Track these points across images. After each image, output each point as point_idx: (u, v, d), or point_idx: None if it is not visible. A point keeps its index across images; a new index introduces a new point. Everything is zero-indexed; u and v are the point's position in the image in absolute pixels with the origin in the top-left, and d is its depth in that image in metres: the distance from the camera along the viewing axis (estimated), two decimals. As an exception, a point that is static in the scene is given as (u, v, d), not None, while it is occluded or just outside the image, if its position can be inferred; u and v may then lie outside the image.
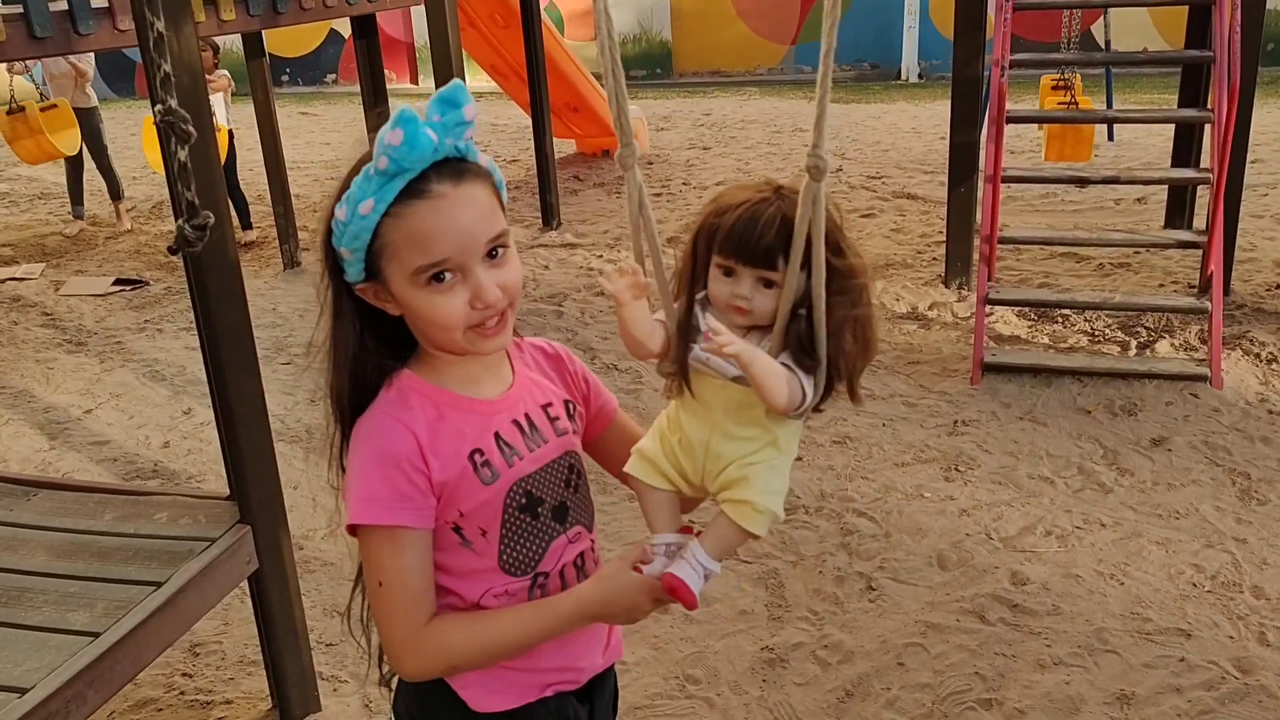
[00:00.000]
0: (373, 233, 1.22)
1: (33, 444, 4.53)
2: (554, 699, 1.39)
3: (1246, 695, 2.67)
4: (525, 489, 1.32)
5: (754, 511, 1.30)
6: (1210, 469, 3.76)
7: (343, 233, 1.23)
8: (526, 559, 1.33)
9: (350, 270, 1.26)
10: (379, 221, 1.21)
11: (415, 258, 1.22)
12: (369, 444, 1.27)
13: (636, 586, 1.28)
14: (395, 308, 1.28)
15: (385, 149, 1.18)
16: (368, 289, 1.27)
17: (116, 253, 7.52)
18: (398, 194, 1.20)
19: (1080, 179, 5.24)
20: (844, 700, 2.74)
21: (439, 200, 1.21)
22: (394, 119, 1.18)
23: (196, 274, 2.35)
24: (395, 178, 1.20)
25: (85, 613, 2.18)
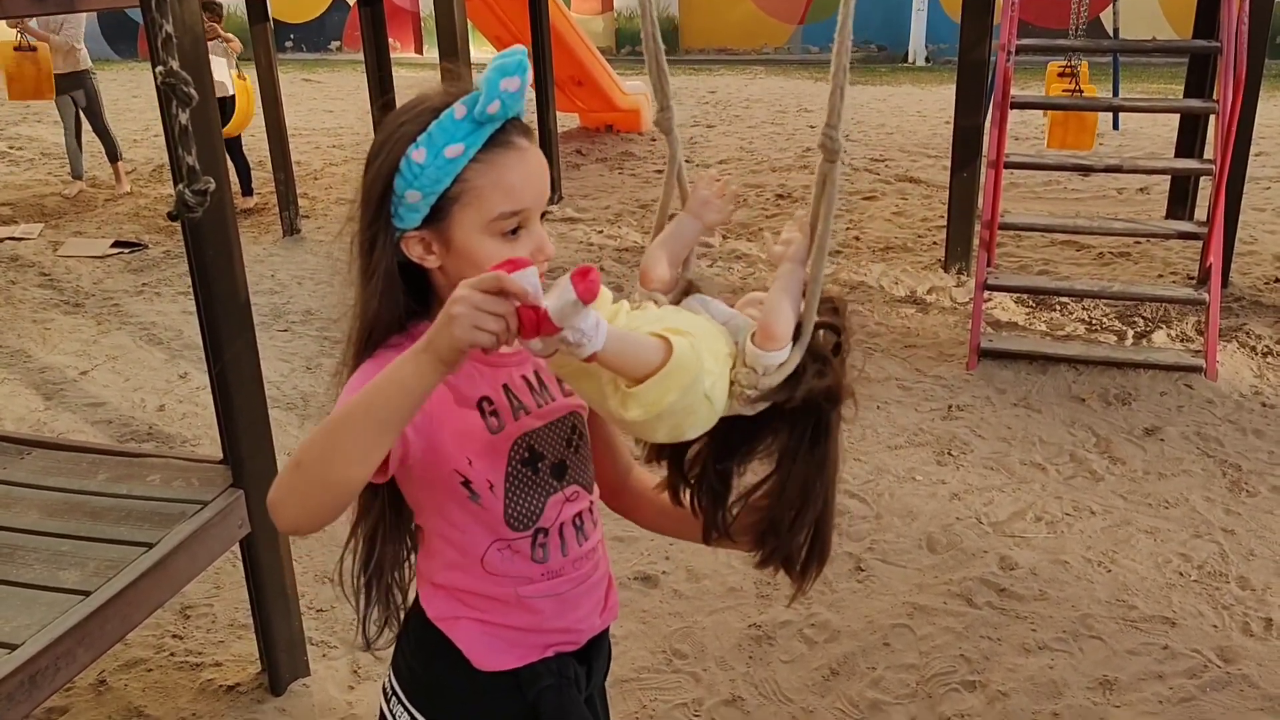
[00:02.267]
0: (455, 177, 1.22)
1: (28, 403, 4.54)
2: (555, 659, 1.40)
3: (1228, 684, 2.69)
4: (529, 443, 1.32)
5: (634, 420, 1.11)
6: (1201, 460, 3.78)
7: (418, 175, 1.22)
8: (528, 514, 1.33)
9: (408, 216, 1.25)
10: (465, 166, 1.22)
11: (500, 204, 1.23)
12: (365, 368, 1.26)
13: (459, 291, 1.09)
14: (437, 259, 1.27)
15: (501, 94, 1.19)
16: (415, 238, 1.26)
17: (116, 215, 7.51)
18: (485, 141, 1.22)
19: (1083, 167, 5.23)
20: (829, 678, 2.77)
21: (523, 152, 1.24)
22: (503, 67, 1.18)
23: (194, 239, 2.35)
24: (484, 125, 1.21)
25: (76, 571, 2.20)
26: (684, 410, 1.10)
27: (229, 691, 2.74)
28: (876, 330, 5.00)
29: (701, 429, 1.14)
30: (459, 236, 1.25)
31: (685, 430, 1.13)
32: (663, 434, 1.12)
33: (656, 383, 1.07)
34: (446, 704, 1.39)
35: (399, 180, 1.23)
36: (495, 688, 1.37)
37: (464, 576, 1.35)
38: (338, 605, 3.07)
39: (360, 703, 2.67)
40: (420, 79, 1.38)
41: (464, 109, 1.21)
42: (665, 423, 1.10)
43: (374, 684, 2.75)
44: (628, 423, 1.11)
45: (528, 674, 1.37)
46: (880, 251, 6.11)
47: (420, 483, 1.30)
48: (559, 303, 0.99)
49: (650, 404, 1.07)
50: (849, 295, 5.44)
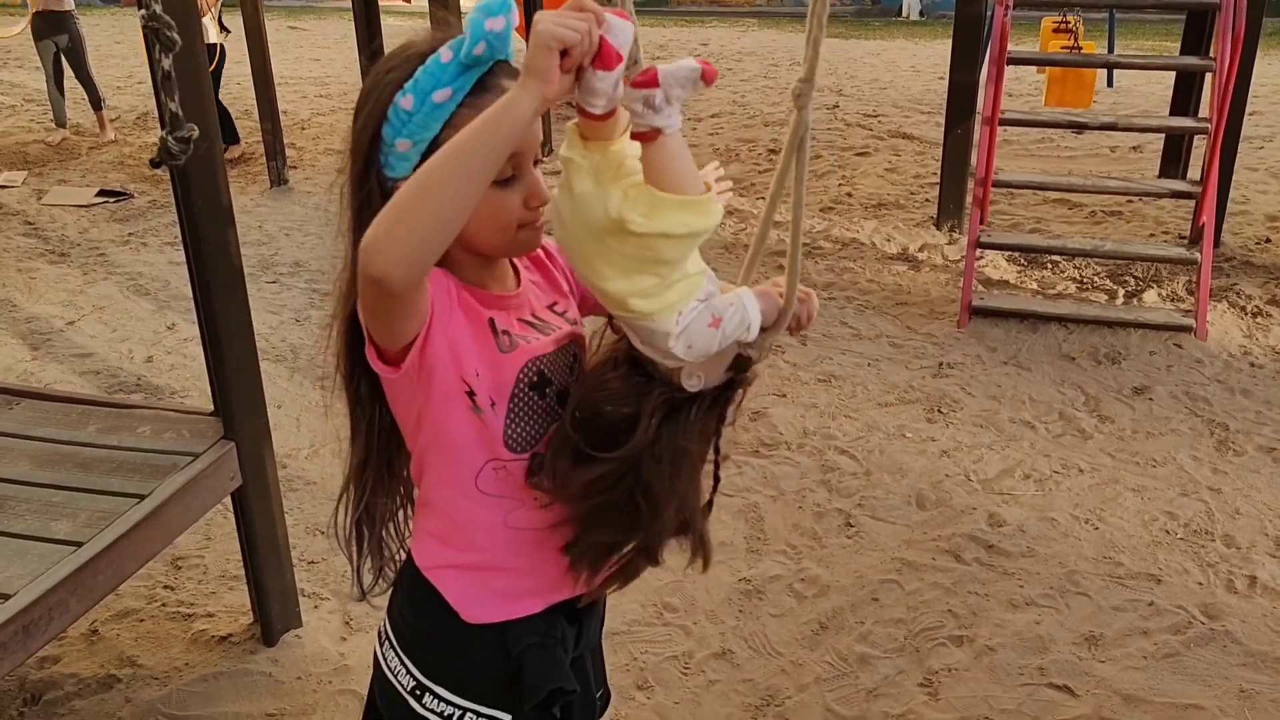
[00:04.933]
0: (444, 123, 1.19)
1: (14, 354, 4.50)
2: (542, 616, 1.39)
3: (1211, 640, 2.72)
4: (539, 367, 1.32)
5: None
6: (1190, 419, 3.80)
7: (406, 122, 1.20)
8: (528, 437, 1.32)
9: (399, 164, 1.23)
10: (453, 112, 1.19)
11: None
12: None
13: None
14: None
15: (487, 34, 1.16)
16: None
17: (100, 163, 7.42)
18: (472, 85, 1.19)
19: (1078, 124, 5.21)
20: (818, 632, 2.79)
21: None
22: (487, 7, 1.14)
23: (182, 188, 2.31)
24: (472, 69, 1.19)
25: (68, 522, 2.19)
26: (667, 256, 1.13)
27: (221, 642, 2.74)
28: (868, 288, 4.99)
29: (645, 300, 1.14)
30: None
31: (643, 278, 1.13)
32: (627, 264, 1.13)
33: (680, 203, 1.10)
34: (436, 654, 1.40)
35: (387, 128, 1.21)
36: (482, 640, 1.37)
37: (455, 499, 1.33)
38: (329, 557, 3.07)
39: (353, 654, 2.69)
40: (409, 27, 1.36)
41: (450, 53, 1.19)
42: (645, 252, 1.11)
43: (366, 635, 2.76)
44: (615, 226, 1.10)
45: (514, 630, 1.37)
46: (872, 208, 6.09)
47: (426, 386, 1.25)
48: (677, 66, 1.06)
49: (659, 215, 1.09)
50: (841, 252, 5.42)
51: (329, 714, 2.51)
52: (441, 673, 1.38)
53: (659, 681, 2.63)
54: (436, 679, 1.38)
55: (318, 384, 4.17)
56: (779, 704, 2.56)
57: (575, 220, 1.13)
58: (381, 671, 1.44)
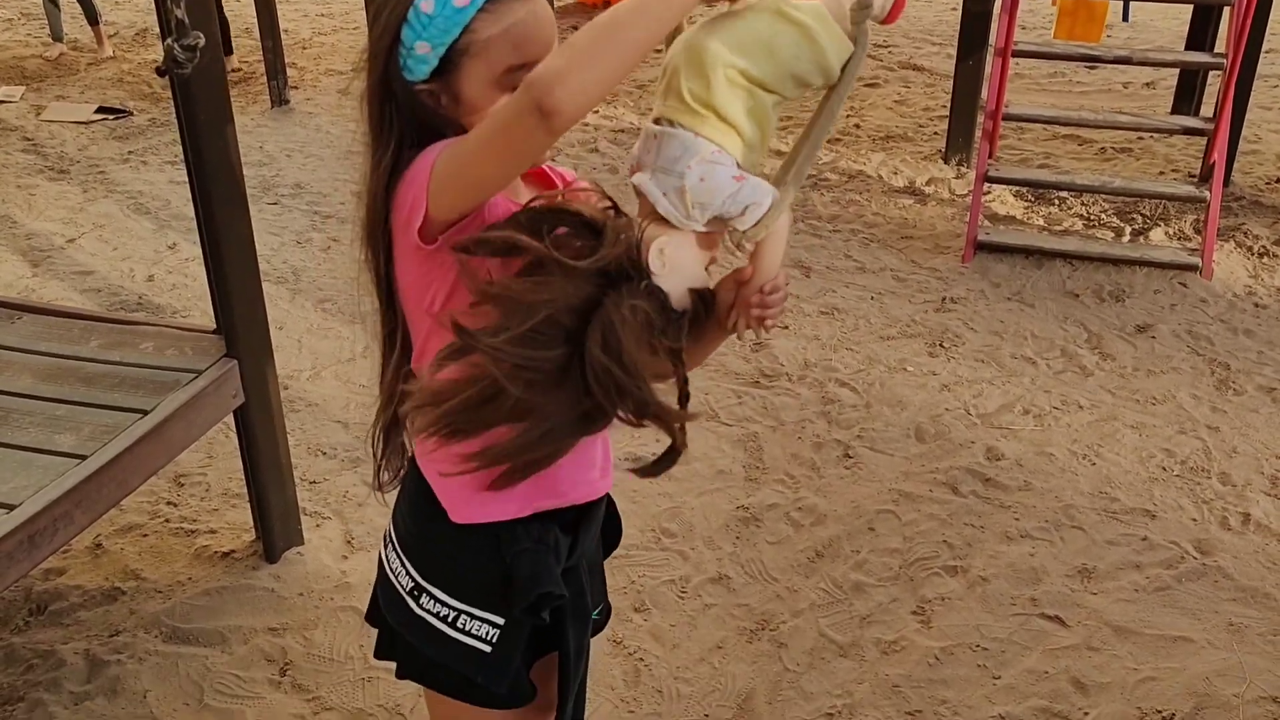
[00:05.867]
0: (464, 27, 1.21)
1: (14, 270, 4.49)
2: (534, 521, 1.40)
3: (1203, 575, 2.75)
4: None
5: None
6: (1191, 358, 3.80)
7: (426, 26, 1.21)
8: None
9: (418, 68, 1.24)
10: (473, 16, 1.21)
11: (508, 56, 1.23)
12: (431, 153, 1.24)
13: None
14: (454, 109, 1.27)
15: None
16: (425, 89, 1.26)
17: (99, 80, 7.30)
18: None
19: (1092, 57, 5.12)
20: (814, 560, 2.82)
21: (533, 4, 1.24)
22: None
23: (185, 101, 2.28)
24: None
25: (72, 435, 2.20)
26: (770, 71, 1.23)
27: (224, 558, 2.78)
28: (874, 220, 4.96)
29: (715, 95, 1.21)
30: (468, 89, 1.25)
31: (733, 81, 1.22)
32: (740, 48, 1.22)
33: (837, 34, 1.23)
34: (432, 556, 1.43)
35: (407, 31, 1.23)
36: (476, 543, 1.40)
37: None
38: (331, 477, 3.10)
39: (354, 571, 2.72)
40: None
41: None
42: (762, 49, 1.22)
43: (367, 554, 2.79)
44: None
45: (507, 533, 1.39)
46: (880, 140, 6.02)
47: (452, 266, 1.23)
48: None
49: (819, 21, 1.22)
50: (847, 184, 5.37)
51: (330, 629, 2.55)
52: (437, 574, 1.42)
53: (656, 604, 2.66)
54: (433, 580, 1.41)
55: (319, 306, 4.16)
56: (773, 628, 2.60)
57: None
58: (384, 572, 1.48)
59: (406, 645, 1.47)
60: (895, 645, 2.54)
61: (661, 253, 1.19)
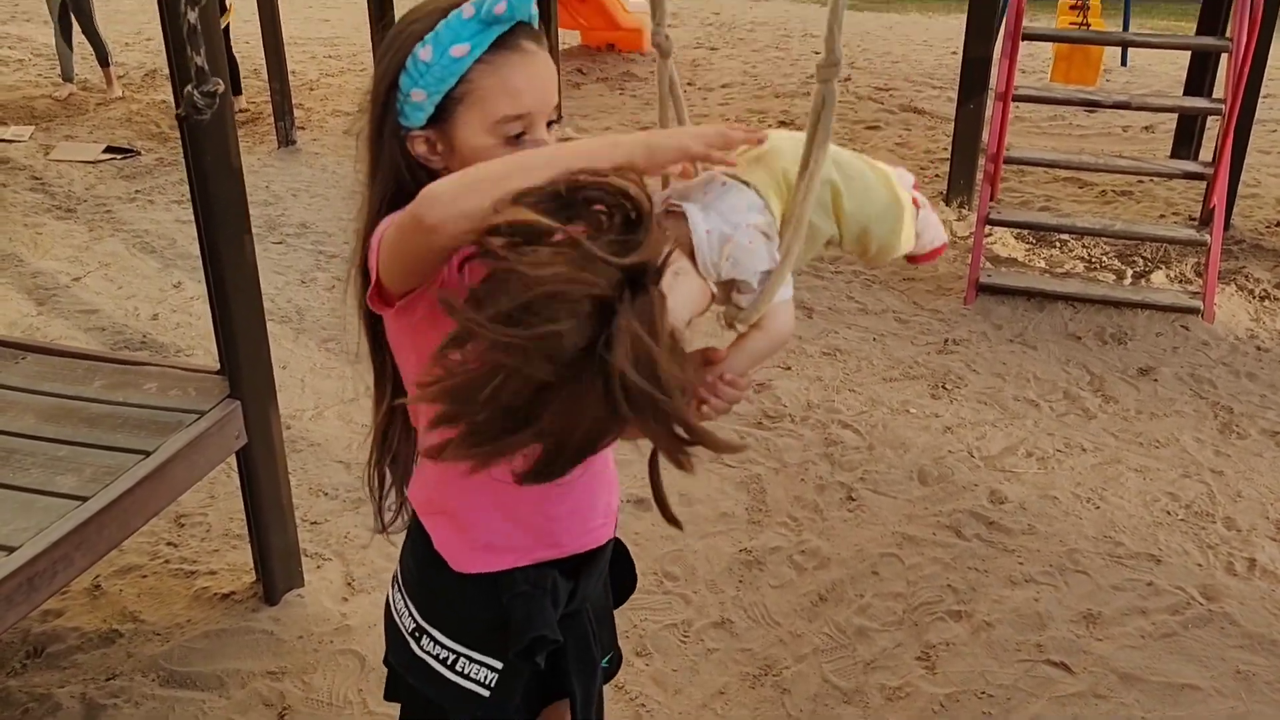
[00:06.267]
0: (460, 77, 1.23)
1: (20, 308, 4.50)
2: (533, 568, 1.41)
3: (1209, 621, 2.73)
4: None
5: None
6: (1194, 401, 3.80)
7: (423, 74, 1.23)
8: None
9: (414, 114, 1.26)
10: (470, 67, 1.23)
11: (503, 106, 1.24)
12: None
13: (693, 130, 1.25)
14: (441, 160, 1.28)
15: None
16: (421, 136, 1.27)
17: (108, 120, 7.37)
18: (491, 43, 1.23)
19: (1091, 102, 5.16)
20: (817, 604, 2.80)
21: (530, 56, 1.25)
22: None
23: (193, 143, 2.30)
24: (492, 26, 1.22)
25: (73, 477, 2.20)
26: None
27: (223, 600, 2.76)
28: (875, 262, 4.97)
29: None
30: (462, 137, 1.26)
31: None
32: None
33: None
34: (433, 598, 1.44)
35: (405, 78, 1.25)
36: (475, 588, 1.41)
37: (442, 471, 1.35)
38: (333, 518, 3.08)
39: (354, 614, 2.70)
40: None
41: (472, 9, 1.22)
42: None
43: (368, 596, 2.77)
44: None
45: (505, 578, 1.40)
46: (882, 182, 6.06)
47: (419, 330, 1.24)
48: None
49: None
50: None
51: (330, 673, 2.53)
52: (438, 616, 1.43)
53: (658, 649, 2.64)
54: (434, 622, 1.42)
55: (323, 345, 4.17)
56: (776, 674, 2.57)
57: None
58: (389, 612, 1.50)
59: (409, 687, 1.47)
60: (900, 692, 2.52)
61: (675, 275, 1.13)
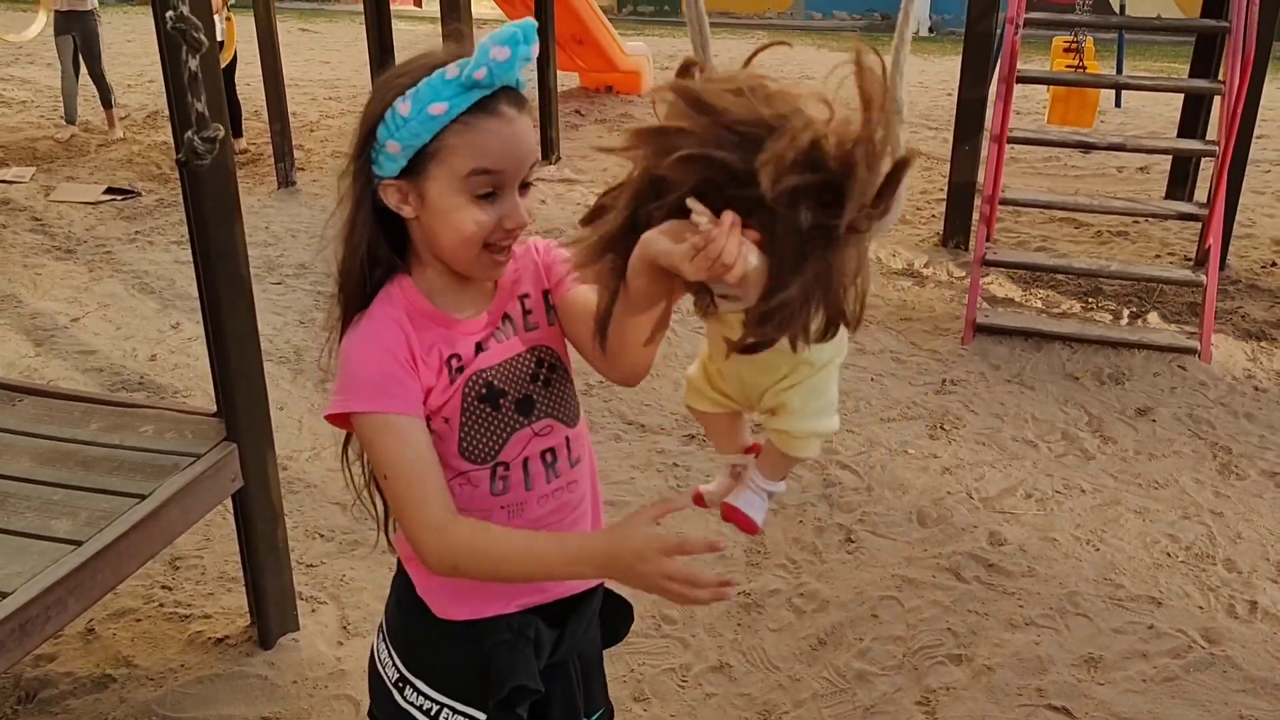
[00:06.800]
0: (434, 135, 1.25)
1: (18, 349, 4.50)
2: (517, 615, 1.40)
3: (1211, 665, 2.71)
4: (485, 379, 1.35)
5: (793, 438, 1.29)
6: (1192, 441, 3.79)
7: (400, 126, 1.25)
8: (486, 448, 1.35)
9: (387, 164, 1.28)
10: (444, 126, 1.25)
11: (473, 162, 1.26)
12: (363, 337, 1.32)
13: (644, 539, 1.22)
14: (412, 210, 1.30)
15: (489, 61, 1.22)
16: (393, 186, 1.29)
17: (108, 161, 7.43)
18: (470, 105, 1.25)
19: (1086, 144, 5.21)
20: (816, 648, 2.78)
21: (507, 121, 1.27)
22: (499, 36, 1.23)
23: (192, 187, 2.31)
24: (472, 89, 1.24)
25: (68, 521, 2.18)
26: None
27: (218, 644, 2.74)
28: (872, 303, 4.99)
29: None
30: (433, 192, 1.28)
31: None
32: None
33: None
34: (416, 648, 1.44)
35: (382, 129, 1.27)
36: (457, 636, 1.41)
37: None
38: (328, 561, 3.07)
39: (349, 658, 2.68)
40: (419, 33, 1.38)
41: (456, 71, 1.25)
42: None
43: (363, 640, 2.75)
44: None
45: (487, 626, 1.40)
46: (878, 223, 6.09)
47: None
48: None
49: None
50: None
51: (324, 718, 2.50)
52: (421, 666, 1.42)
53: (656, 694, 2.62)
54: (417, 672, 1.42)
55: (320, 387, 4.16)
56: (776, 719, 2.55)
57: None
58: (373, 661, 1.50)
59: None
60: (900, 737, 2.49)
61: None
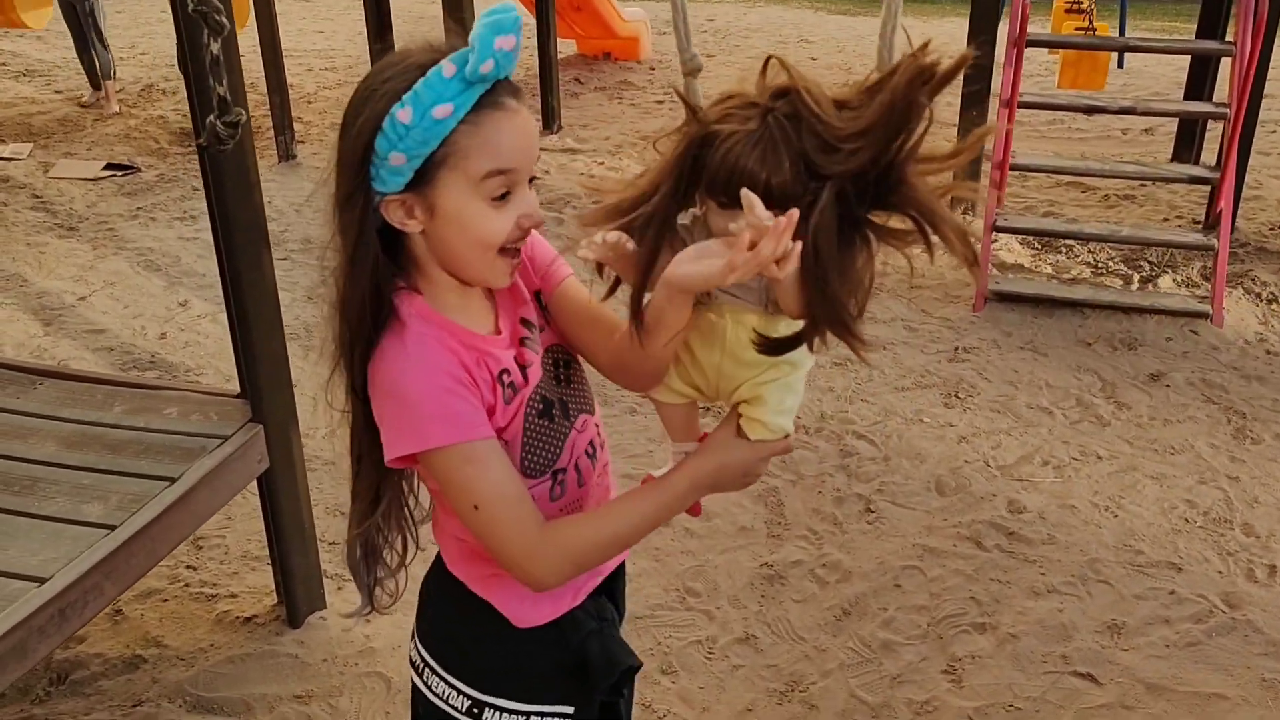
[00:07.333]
0: (442, 140, 1.16)
1: (26, 329, 4.48)
2: (590, 601, 1.40)
3: (1233, 629, 2.73)
4: (540, 394, 1.32)
5: (765, 429, 1.32)
6: (1206, 406, 3.80)
7: (402, 136, 1.15)
8: (545, 460, 1.32)
9: (391, 179, 1.18)
10: (452, 129, 1.16)
11: (488, 163, 1.18)
12: (413, 362, 1.21)
13: (751, 449, 1.31)
14: (419, 223, 1.22)
15: (495, 53, 1.13)
16: (397, 201, 1.20)
17: (105, 136, 7.35)
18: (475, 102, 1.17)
19: (1097, 108, 5.17)
20: (841, 618, 2.80)
21: (513, 114, 1.19)
22: (499, 24, 1.13)
23: (212, 168, 2.29)
24: (474, 85, 1.15)
25: (100, 505, 2.19)
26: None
27: (245, 623, 2.75)
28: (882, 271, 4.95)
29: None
30: (445, 200, 1.19)
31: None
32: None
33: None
34: (491, 667, 1.38)
35: (381, 141, 1.17)
36: (537, 642, 1.36)
37: None
38: (351, 538, 3.07)
39: (377, 635, 2.69)
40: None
41: (453, 67, 1.15)
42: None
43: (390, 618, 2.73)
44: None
45: (569, 623, 1.37)
46: (884, 189, 6.07)
47: None
48: None
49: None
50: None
51: (356, 695, 2.52)
52: (499, 683, 1.37)
53: (684, 666, 2.64)
54: (494, 691, 1.37)
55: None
56: (803, 690, 2.57)
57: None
58: (427, 700, 1.41)
59: None
60: (928, 706, 2.51)
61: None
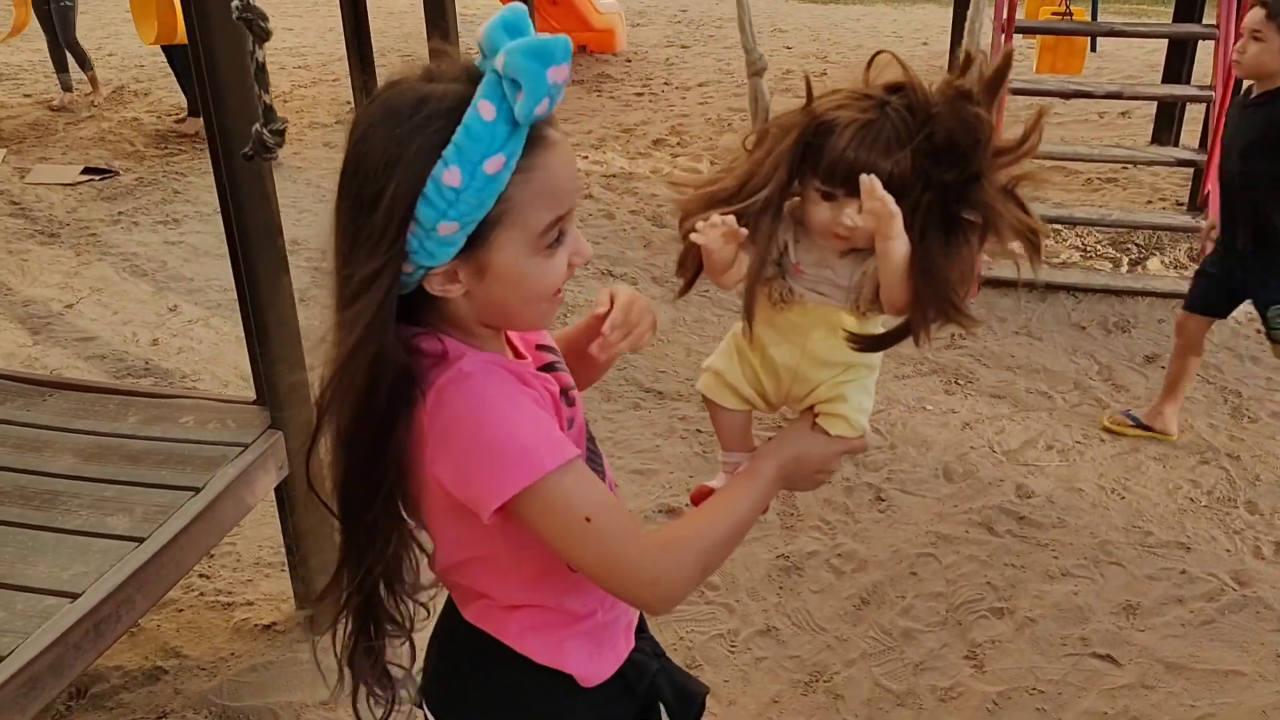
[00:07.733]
0: (498, 196, 1.01)
1: (15, 338, 4.42)
2: (643, 641, 1.36)
3: (1245, 606, 2.78)
4: (585, 422, 1.28)
5: (847, 425, 1.32)
6: (1202, 386, 3.85)
7: (454, 201, 0.99)
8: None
9: (440, 251, 1.02)
10: (508, 181, 1.01)
11: (545, 214, 1.05)
12: (497, 402, 1.07)
13: (829, 444, 1.32)
14: (463, 287, 1.07)
15: (550, 88, 0.97)
16: (441, 272, 1.05)
17: (80, 140, 7.24)
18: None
19: (1083, 93, 5.22)
20: (860, 607, 2.82)
21: (559, 148, 1.05)
22: (545, 53, 0.96)
23: (229, 175, 2.27)
24: (521, 127, 1.00)
25: (125, 517, 2.16)
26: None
27: (265, 631, 2.73)
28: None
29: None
30: (500, 261, 1.05)
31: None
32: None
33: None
34: None
35: (427, 210, 1.00)
36: (607, 696, 1.29)
37: (549, 582, 1.22)
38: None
39: (400, 640, 2.68)
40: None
41: (492, 108, 0.98)
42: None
43: (412, 621, 2.75)
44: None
45: (632, 670, 1.31)
46: (870, 177, 6.09)
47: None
48: None
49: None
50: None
51: (383, 701, 2.50)
52: None
53: (707, 660, 2.65)
54: None
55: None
56: (828, 679, 2.59)
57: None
58: None
59: None
60: (952, 692, 2.54)
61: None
